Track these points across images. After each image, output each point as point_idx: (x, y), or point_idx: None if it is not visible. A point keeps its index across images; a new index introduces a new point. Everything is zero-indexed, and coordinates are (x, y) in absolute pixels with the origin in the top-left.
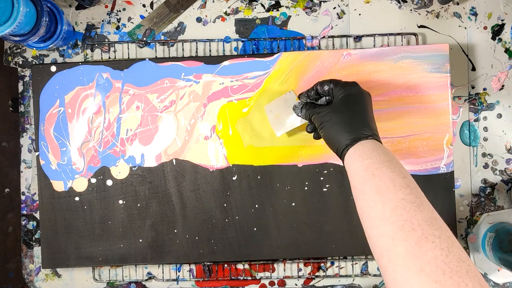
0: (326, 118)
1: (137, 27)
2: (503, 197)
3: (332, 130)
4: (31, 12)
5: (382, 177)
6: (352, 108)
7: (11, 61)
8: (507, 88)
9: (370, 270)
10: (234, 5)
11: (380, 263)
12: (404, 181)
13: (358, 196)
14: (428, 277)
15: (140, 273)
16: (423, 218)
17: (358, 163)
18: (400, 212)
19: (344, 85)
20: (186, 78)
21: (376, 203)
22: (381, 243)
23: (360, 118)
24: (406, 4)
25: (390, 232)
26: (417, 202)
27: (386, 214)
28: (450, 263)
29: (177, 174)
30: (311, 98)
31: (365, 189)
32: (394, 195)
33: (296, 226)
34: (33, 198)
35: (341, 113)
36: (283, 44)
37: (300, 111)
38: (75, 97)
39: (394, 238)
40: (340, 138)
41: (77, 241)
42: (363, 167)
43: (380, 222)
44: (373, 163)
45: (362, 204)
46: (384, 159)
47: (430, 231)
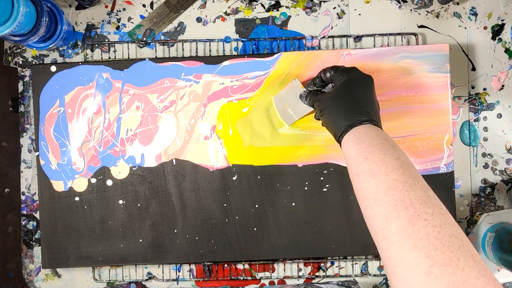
0: (325, 105)
1: (137, 27)
2: (503, 197)
3: (330, 116)
4: (31, 12)
5: (375, 160)
6: (349, 94)
7: (11, 61)
8: (507, 88)
9: (370, 270)
10: (234, 5)
11: (377, 242)
12: (397, 163)
13: (354, 179)
14: (421, 253)
15: (140, 273)
16: (415, 197)
17: (352, 148)
18: (393, 192)
19: (343, 71)
20: (186, 78)
21: (369, 185)
22: (376, 223)
23: (356, 104)
24: (406, 4)
25: (383, 212)
26: (409, 182)
27: (379, 195)
28: (442, 239)
29: (177, 174)
30: (317, 85)
31: (359, 172)
32: (387, 177)
33: (296, 226)
34: (33, 198)
35: (339, 99)
36: (283, 44)
37: (305, 99)
38: (75, 97)
39: (387, 217)
40: (337, 125)
41: (77, 241)
42: (357, 151)
43: (374, 203)
44: (366, 147)
45: (357, 186)
46: (377, 142)
47: (422, 209)
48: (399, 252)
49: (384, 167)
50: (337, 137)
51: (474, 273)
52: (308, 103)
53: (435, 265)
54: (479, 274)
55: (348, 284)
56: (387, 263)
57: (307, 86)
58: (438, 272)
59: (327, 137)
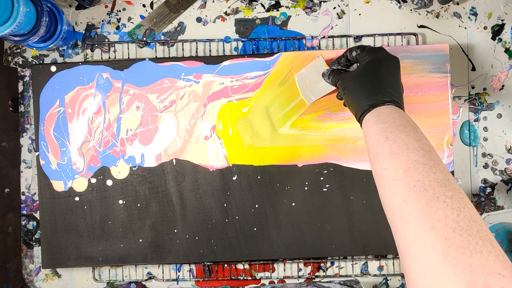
0: (348, 84)
1: (137, 27)
2: (503, 197)
3: (352, 96)
4: (31, 12)
5: (396, 140)
6: (373, 74)
7: (11, 61)
8: (507, 88)
9: (370, 270)
10: (234, 5)
11: (392, 222)
12: (418, 144)
13: (373, 159)
14: (437, 234)
15: (140, 273)
16: (435, 179)
17: (373, 127)
18: (412, 173)
19: (369, 50)
20: (186, 78)
21: (389, 164)
22: (393, 202)
23: (380, 84)
24: (406, 4)
25: (401, 192)
26: (430, 164)
27: (398, 175)
28: (461, 222)
29: (177, 174)
30: (341, 65)
31: (379, 152)
32: (407, 157)
33: (296, 226)
34: (33, 198)
35: (362, 79)
36: (283, 44)
37: (328, 78)
38: (75, 97)
39: (405, 197)
40: (359, 104)
41: (77, 241)
42: (378, 131)
43: (393, 182)
44: (388, 127)
45: (376, 166)
46: (399, 123)
47: (442, 192)
48: (415, 232)
49: (405, 148)
50: (358, 116)
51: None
52: (331, 82)
53: (452, 247)
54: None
55: (350, 283)
56: (401, 243)
57: (331, 64)
58: (455, 254)
59: (327, 137)
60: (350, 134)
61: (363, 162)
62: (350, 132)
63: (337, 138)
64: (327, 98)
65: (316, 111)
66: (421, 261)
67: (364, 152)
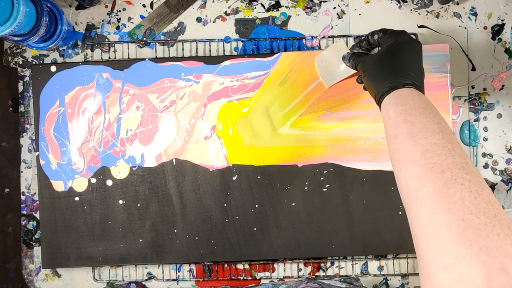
0: (369, 67)
1: (137, 27)
2: (503, 197)
3: (372, 78)
4: (31, 12)
5: (415, 122)
6: (395, 57)
7: (11, 61)
8: (507, 88)
9: (370, 270)
10: (234, 5)
11: (406, 203)
12: (438, 127)
13: (390, 141)
14: (454, 215)
15: (140, 273)
16: (453, 162)
17: (392, 109)
18: (430, 155)
19: (391, 33)
20: (186, 78)
21: (406, 146)
22: (409, 184)
23: (401, 66)
24: (406, 4)
25: (418, 173)
26: (448, 147)
27: (416, 157)
28: (478, 204)
29: (177, 174)
30: (362, 48)
31: (397, 133)
32: (425, 140)
33: (296, 226)
34: (33, 198)
35: (383, 61)
36: (283, 44)
37: (348, 61)
38: (75, 97)
39: (422, 179)
40: (378, 86)
41: (77, 241)
42: (397, 113)
43: (409, 164)
44: (407, 110)
45: (393, 148)
46: (419, 105)
47: (460, 174)
48: (431, 213)
49: (423, 130)
50: (378, 98)
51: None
52: (351, 65)
53: (468, 229)
54: None
55: (350, 280)
56: (416, 224)
57: (352, 48)
58: (471, 235)
59: (327, 137)
60: (350, 134)
61: (363, 162)
62: (350, 132)
63: (337, 138)
64: (327, 97)
65: (316, 111)
66: (435, 242)
67: (364, 152)
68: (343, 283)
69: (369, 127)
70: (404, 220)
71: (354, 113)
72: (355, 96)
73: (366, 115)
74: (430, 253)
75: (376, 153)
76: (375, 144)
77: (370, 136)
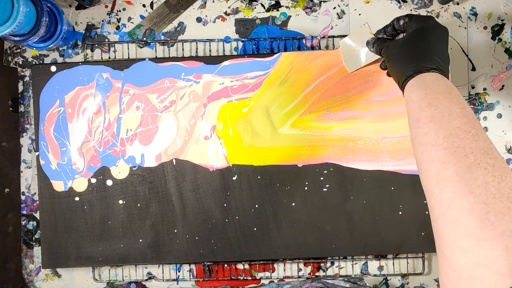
0: (393, 51)
1: (137, 27)
2: None
3: (396, 62)
4: (31, 12)
5: (438, 106)
6: (420, 41)
7: (11, 61)
8: (507, 88)
9: (370, 270)
10: (234, 5)
11: (427, 187)
12: (462, 111)
13: (413, 125)
14: (476, 199)
15: (140, 273)
16: (477, 146)
17: (415, 93)
18: (453, 139)
19: (417, 19)
20: (186, 78)
21: (429, 130)
22: (431, 167)
23: (426, 51)
24: (406, 4)
25: (440, 157)
26: (472, 132)
27: (439, 140)
28: (502, 189)
29: (177, 174)
30: (387, 34)
31: (420, 117)
32: (449, 124)
33: (296, 226)
34: (33, 198)
35: (408, 45)
36: (283, 44)
37: (372, 46)
38: (75, 97)
39: (444, 162)
40: (403, 70)
41: (77, 241)
42: (420, 97)
43: (432, 147)
44: (431, 94)
45: (415, 132)
46: (443, 90)
47: (483, 159)
48: (452, 196)
49: (447, 114)
50: (401, 83)
51: None
52: (375, 50)
53: (491, 212)
54: None
55: (354, 280)
56: (436, 208)
57: (376, 33)
58: (494, 219)
59: (327, 137)
60: (350, 134)
61: (363, 162)
62: (350, 132)
63: (337, 138)
64: (327, 97)
65: (316, 111)
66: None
67: (364, 152)
68: (347, 283)
69: (369, 127)
70: (404, 220)
71: (354, 113)
72: (355, 96)
73: (366, 115)
74: (450, 236)
75: (376, 153)
76: (375, 144)
77: (370, 136)
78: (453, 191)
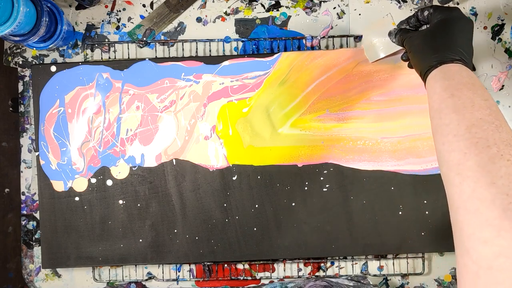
0: (416, 42)
1: (137, 27)
2: None
3: (419, 52)
4: (31, 12)
5: (461, 97)
6: (445, 32)
7: (11, 61)
8: (507, 88)
9: (370, 270)
10: (234, 5)
11: (447, 178)
12: (485, 103)
13: (434, 115)
14: (499, 190)
15: (140, 273)
16: (500, 138)
17: (438, 83)
18: (476, 130)
19: (442, 9)
20: (186, 78)
21: (451, 120)
22: (452, 158)
23: (450, 41)
24: (406, 4)
25: (462, 147)
26: (496, 123)
27: (461, 131)
28: None
29: (177, 174)
30: (410, 25)
31: (442, 108)
32: (471, 115)
33: (296, 226)
34: (33, 198)
35: (432, 36)
36: (283, 44)
37: (394, 37)
38: (75, 97)
39: (466, 153)
40: (425, 60)
41: (77, 241)
42: (443, 87)
43: (453, 138)
44: (454, 84)
45: (437, 122)
46: (467, 81)
47: (506, 150)
48: (474, 186)
49: (470, 105)
50: (424, 73)
51: None
52: (397, 41)
53: None
54: None
55: (358, 278)
56: (456, 198)
57: (399, 24)
58: None
59: (327, 137)
60: (350, 134)
61: (363, 162)
62: (350, 132)
63: (337, 138)
64: (327, 97)
65: (316, 111)
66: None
67: (364, 152)
68: (350, 281)
69: (369, 127)
70: (404, 220)
71: (354, 113)
72: (355, 96)
73: (366, 115)
74: (471, 227)
75: (376, 153)
76: (375, 144)
77: (370, 136)
78: (475, 182)
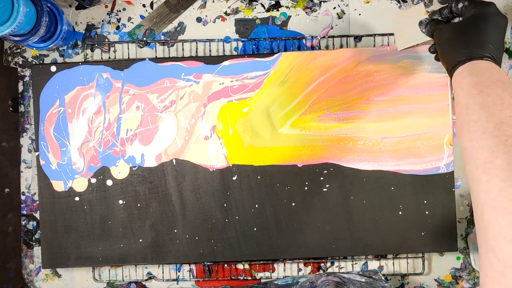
0: (446, 35)
1: (137, 27)
2: None
3: (448, 46)
4: (31, 12)
5: (490, 94)
6: (477, 27)
7: (11, 61)
8: None
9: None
10: (234, 5)
11: (473, 175)
12: None
13: (461, 111)
14: None
15: (140, 273)
16: None
17: (466, 80)
18: (505, 128)
19: (478, 3)
20: (186, 78)
21: (480, 117)
22: (479, 155)
23: (481, 37)
24: (406, 4)
25: (490, 145)
26: None
27: (489, 128)
28: None
29: (177, 174)
30: (443, 16)
31: (469, 104)
32: (501, 112)
33: (296, 226)
34: (33, 198)
35: (463, 30)
36: (283, 44)
37: (424, 27)
38: (75, 97)
39: (494, 150)
40: (453, 55)
41: (77, 241)
42: (471, 84)
43: (482, 135)
44: (483, 81)
45: (464, 119)
46: (497, 78)
47: None
48: (501, 185)
49: (500, 102)
50: (451, 67)
51: None
52: (427, 32)
53: None
54: None
55: (369, 274)
56: (482, 196)
57: (431, 14)
58: None
59: (327, 137)
60: (350, 134)
61: (363, 162)
62: (350, 132)
63: (337, 138)
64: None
65: (316, 111)
66: (504, 214)
67: (364, 152)
68: (362, 277)
69: (369, 127)
70: (404, 220)
71: (354, 113)
72: (355, 96)
73: (366, 115)
74: (497, 225)
75: (376, 153)
76: (375, 144)
77: (370, 136)
78: (503, 180)
